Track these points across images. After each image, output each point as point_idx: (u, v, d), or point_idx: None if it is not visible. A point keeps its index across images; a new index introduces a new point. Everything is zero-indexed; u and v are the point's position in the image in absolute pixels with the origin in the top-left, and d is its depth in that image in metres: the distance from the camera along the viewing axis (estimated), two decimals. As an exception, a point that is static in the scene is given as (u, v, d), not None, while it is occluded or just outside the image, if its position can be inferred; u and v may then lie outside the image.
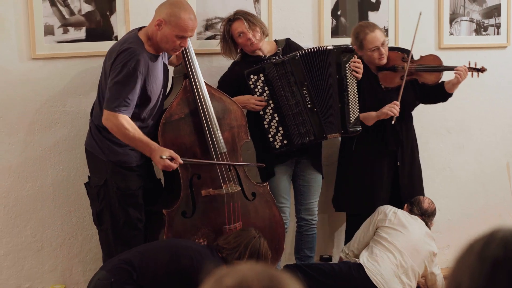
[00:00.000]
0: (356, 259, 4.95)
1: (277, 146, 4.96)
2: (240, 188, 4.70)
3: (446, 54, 5.20)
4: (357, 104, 5.00)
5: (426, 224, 5.16)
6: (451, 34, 5.87)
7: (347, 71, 4.94)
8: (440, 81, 5.16)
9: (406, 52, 5.19)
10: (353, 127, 4.99)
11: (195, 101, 4.53)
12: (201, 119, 4.53)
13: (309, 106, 4.91)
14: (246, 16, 4.85)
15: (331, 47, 4.94)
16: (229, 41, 4.91)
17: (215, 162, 4.58)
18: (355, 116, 5.00)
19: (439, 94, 5.25)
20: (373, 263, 4.87)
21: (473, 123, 6.11)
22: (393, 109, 5.00)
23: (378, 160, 5.23)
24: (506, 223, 6.12)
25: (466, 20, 5.93)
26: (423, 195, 5.40)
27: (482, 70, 5.15)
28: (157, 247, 4.21)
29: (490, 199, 6.27)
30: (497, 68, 6.04)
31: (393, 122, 5.02)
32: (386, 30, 5.61)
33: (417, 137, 5.56)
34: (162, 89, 4.52)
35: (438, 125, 5.96)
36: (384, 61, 5.12)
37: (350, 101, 4.96)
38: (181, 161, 4.34)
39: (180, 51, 4.47)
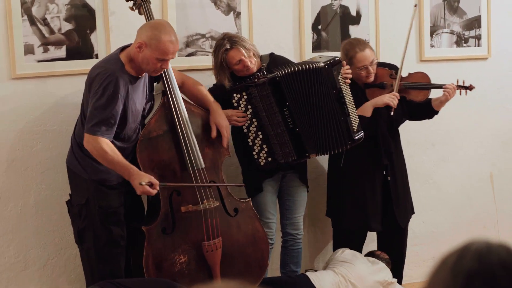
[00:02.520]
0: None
1: (262, 163, 4.96)
2: (218, 203, 4.67)
3: (428, 66, 5.22)
4: (355, 110, 4.98)
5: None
6: (432, 46, 5.89)
7: (341, 83, 4.91)
8: (427, 99, 5.18)
9: (394, 68, 5.19)
10: (357, 134, 4.97)
11: (173, 117, 4.52)
12: (179, 136, 4.53)
13: (290, 126, 4.88)
14: (241, 43, 4.82)
15: (322, 64, 4.85)
16: (226, 69, 4.87)
17: (194, 184, 4.57)
18: (357, 123, 4.97)
19: (426, 111, 5.25)
20: (317, 273, 5.03)
21: (457, 136, 6.13)
22: (393, 100, 5.01)
23: (369, 175, 5.22)
24: (491, 234, 6.14)
25: (447, 32, 5.96)
26: (412, 207, 5.42)
27: (470, 88, 5.17)
28: (151, 279, 4.34)
29: (475, 211, 6.28)
30: (479, 79, 6.06)
31: (392, 113, 5.02)
32: (367, 44, 5.62)
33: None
34: (146, 109, 4.52)
35: (422, 138, 5.97)
36: (371, 79, 5.11)
37: (350, 110, 4.94)
38: (158, 188, 4.31)
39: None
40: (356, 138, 4.95)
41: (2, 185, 4.84)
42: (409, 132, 5.88)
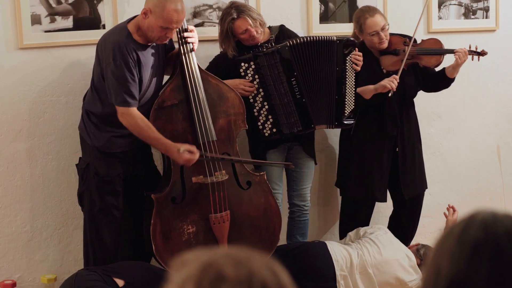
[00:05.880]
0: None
1: (267, 134, 4.96)
2: (227, 176, 4.66)
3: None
4: (353, 97, 4.98)
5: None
6: (440, 18, 5.86)
7: (347, 64, 4.92)
8: (440, 65, 5.15)
9: (409, 37, 5.18)
10: (347, 119, 4.99)
11: (187, 87, 4.52)
12: (191, 106, 4.52)
13: (297, 96, 4.89)
14: (248, 12, 4.81)
15: (335, 38, 4.90)
16: (231, 38, 4.86)
17: (233, 159, 4.63)
18: (350, 109, 4.98)
19: (441, 79, 5.21)
20: (335, 244, 4.99)
21: (464, 108, 6.11)
22: (391, 82, 4.97)
23: (377, 145, 5.21)
24: (497, 207, 6.14)
25: (455, 4, 5.91)
26: (423, 182, 5.40)
27: (482, 53, 5.15)
28: (131, 262, 4.53)
29: (481, 183, 6.27)
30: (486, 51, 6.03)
31: (390, 94, 5.00)
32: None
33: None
34: (157, 77, 4.53)
35: (429, 110, 5.95)
36: (385, 45, 5.10)
37: (347, 93, 4.94)
38: (198, 155, 4.38)
39: (168, 40, 4.48)
40: (344, 122, 4.99)
41: (9, 155, 4.85)
42: (416, 104, 5.85)
